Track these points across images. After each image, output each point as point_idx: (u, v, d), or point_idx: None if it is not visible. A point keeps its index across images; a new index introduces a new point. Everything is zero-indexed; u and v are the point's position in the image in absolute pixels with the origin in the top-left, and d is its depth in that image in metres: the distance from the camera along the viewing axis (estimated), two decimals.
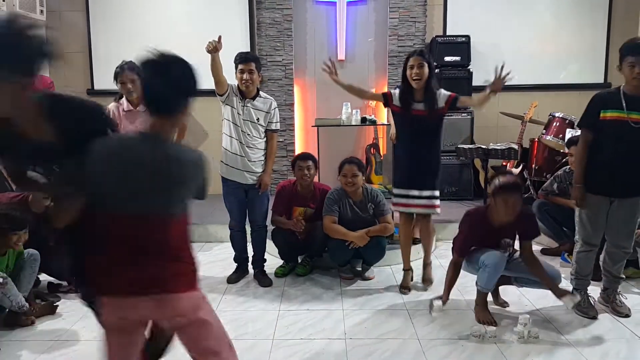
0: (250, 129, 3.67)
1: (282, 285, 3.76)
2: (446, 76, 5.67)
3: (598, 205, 3.08)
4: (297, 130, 6.18)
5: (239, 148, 3.65)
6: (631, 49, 2.87)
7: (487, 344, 2.82)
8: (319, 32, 6.16)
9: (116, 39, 6.03)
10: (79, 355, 2.77)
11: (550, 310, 3.24)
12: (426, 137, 3.46)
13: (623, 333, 2.96)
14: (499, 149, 4.52)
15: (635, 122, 2.90)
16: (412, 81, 3.35)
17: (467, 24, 5.98)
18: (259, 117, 3.69)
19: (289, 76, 6.04)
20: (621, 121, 2.92)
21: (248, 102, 3.66)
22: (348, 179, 3.72)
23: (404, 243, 3.69)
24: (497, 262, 2.98)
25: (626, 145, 2.94)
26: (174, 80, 1.69)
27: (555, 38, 6.06)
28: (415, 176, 3.49)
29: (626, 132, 2.91)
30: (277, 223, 3.95)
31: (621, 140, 2.94)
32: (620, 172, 2.97)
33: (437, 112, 3.41)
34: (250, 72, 3.58)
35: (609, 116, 2.95)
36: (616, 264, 3.18)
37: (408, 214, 3.59)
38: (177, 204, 1.73)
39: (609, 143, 2.98)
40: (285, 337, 2.94)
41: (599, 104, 3.01)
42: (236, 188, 3.75)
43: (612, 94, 2.99)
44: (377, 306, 3.37)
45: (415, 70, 3.34)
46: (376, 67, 6.19)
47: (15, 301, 2.99)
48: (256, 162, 3.70)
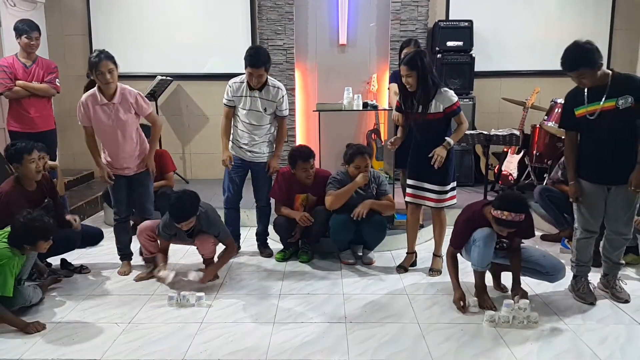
0: (255, 118, 3.75)
1: (282, 269, 3.77)
2: (448, 61, 5.64)
3: (595, 193, 3.09)
4: (298, 115, 6.15)
5: (244, 130, 3.79)
6: (563, 66, 2.94)
7: (487, 329, 2.83)
8: (321, 16, 6.09)
9: (117, 23, 5.99)
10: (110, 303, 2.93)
11: (550, 295, 3.25)
12: (432, 135, 3.45)
13: (622, 318, 2.98)
14: (500, 135, 4.50)
15: (591, 114, 2.98)
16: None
17: (470, 9, 5.93)
18: (266, 107, 3.75)
19: (289, 60, 5.99)
20: (586, 116, 3.01)
21: (255, 93, 3.70)
22: (361, 170, 3.71)
23: (410, 227, 3.71)
24: (486, 235, 2.98)
25: (597, 135, 3.01)
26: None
27: (558, 24, 6.00)
28: (424, 171, 3.50)
29: (591, 125, 3.00)
30: (283, 214, 3.92)
31: (597, 132, 3.01)
32: (609, 161, 3.00)
33: (436, 115, 3.40)
34: (260, 77, 3.63)
35: (581, 112, 3.03)
36: (616, 250, 3.19)
37: (417, 204, 3.61)
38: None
39: (590, 136, 3.06)
40: (285, 321, 2.96)
41: (572, 103, 3.10)
42: (241, 166, 3.87)
43: (579, 91, 3.04)
44: (378, 290, 3.38)
45: (405, 79, 3.38)
46: (378, 51, 6.14)
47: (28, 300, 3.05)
48: (260, 143, 3.83)
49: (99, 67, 3.25)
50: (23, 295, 3.01)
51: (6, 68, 4.17)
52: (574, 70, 2.91)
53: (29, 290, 3.06)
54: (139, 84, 5.80)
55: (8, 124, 4.32)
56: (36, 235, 2.91)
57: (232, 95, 3.77)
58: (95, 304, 3.21)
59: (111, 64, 3.29)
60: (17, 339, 2.76)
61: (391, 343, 2.71)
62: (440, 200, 3.52)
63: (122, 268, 3.68)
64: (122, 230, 3.69)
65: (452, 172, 3.54)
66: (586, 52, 2.87)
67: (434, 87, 3.37)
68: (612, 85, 2.93)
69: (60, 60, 5.54)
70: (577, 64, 2.88)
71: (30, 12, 5.53)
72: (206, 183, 3.86)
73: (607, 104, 2.93)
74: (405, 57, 3.43)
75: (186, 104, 6.14)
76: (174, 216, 3.25)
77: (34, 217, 2.91)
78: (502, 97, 5.69)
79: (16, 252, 2.89)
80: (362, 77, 6.04)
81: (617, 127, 2.96)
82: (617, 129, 2.96)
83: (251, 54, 3.61)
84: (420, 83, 3.34)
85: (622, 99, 2.90)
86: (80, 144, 3.61)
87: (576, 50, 2.89)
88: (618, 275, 3.26)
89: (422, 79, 3.33)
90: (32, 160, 3.31)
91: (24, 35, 4.17)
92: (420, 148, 3.50)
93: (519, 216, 2.85)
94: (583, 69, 2.87)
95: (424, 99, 3.37)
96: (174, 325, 2.92)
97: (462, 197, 3.57)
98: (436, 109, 3.39)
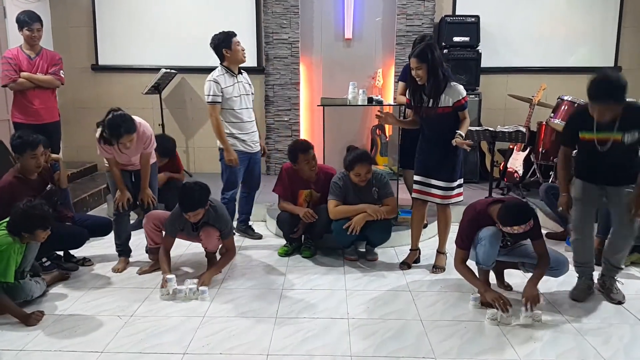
0: (248, 101, 3.98)
1: (285, 264, 3.76)
2: (454, 57, 5.60)
3: (589, 192, 3.12)
4: (302, 109, 6.13)
5: (243, 120, 3.95)
6: (588, 90, 2.85)
7: (490, 326, 2.82)
8: (326, 9, 6.06)
9: (121, 14, 5.97)
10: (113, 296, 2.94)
11: (554, 293, 3.24)
12: (440, 130, 3.42)
13: (626, 318, 2.96)
14: (506, 132, 4.47)
15: (601, 142, 2.97)
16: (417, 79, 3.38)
17: (476, 4, 5.88)
18: (248, 88, 4.01)
19: (294, 54, 5.96)
20: (593, 142, 3.00)
21: (239, 77, 3.93)
22: (361, 177, 3.66)
23: (415, 224, 3.69)
24: (492, 234, 2.95)
25: (601, 160, 3.02)
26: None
27: (565, 20, 5.96)
28: (431, 166, 3.49)
29: (597, 151, 3.00)
30: (286, 209, 3.92)
31: (601, 157, 3.02)
32: (604, 175, 3.06)
33: (445, 109, 3.37)
34: (130, 142, 3.44)
35: (588, 137, 3.02)
36: (616, 254, 3.16)
37: (423, 200, 3.59)
38: None
39: (589, 157, 3.09)
40: (288, 316, 2.95)
41: (578, 124, 3.07)
42: (244, 159, 3.98)
43: (586, 115, 2.97)
44: (380, 287, 3.37)
45: (414, 72, 3.34)
46: (383, 46, 6.10)
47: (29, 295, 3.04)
48: (254, 132, 4.06)
49: (121, 139, 3.26)
50: (25, 290, 3.00)
51: (11, 60, 4.16)
52: (603, 103, 2.83)
53: (30, 284, 3.05)
54: (143, 76, 5.84)
55: (13, 115, 4.31)
56: (35, 224, 2.90)
57: (222, 88, 3.81)
58: (98, 296, 3.21)
59: (132, 135, 3.29)
60: (20, 331, 2.76)
61: (394, 340, 2.69)
62: (446, 197, 3.49)
63: (117, 264, 3.64)
64: (121, 224, 3.67)
65: (459, 169, 3.51)
66: (621, 87, 2.80)
67: (444, 81, 3.34)
68: (622, 117, 2.89)
69: (65, 51, 5.52)
70: (609, 97, 2.81)
71: (35, 4, 5.52)
72: (210, 177, 3.86)
73: (615, 136, 2.93)
74: (416, 49, 3.38)
75: (190, 97, 6.12)
76: (183, 205, 3.24)
77: (34, 204, 2.91)
78: (508, 94, 5.65)
79: (16, 240, 2.89)
80: (368, 72, 6.01)
81: (621, 156, 2.98)
82: (620, 158, 2.99)
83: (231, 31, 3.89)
84: (431, 76, 3.30)
85: (629, 134, 2.91)
86: (84, 137, 3.62)
87: (610, 83, 2.82)
88: (616, 277, 3.22)
89: (433, 72, 3.29)
90: (34, 155, 3.31)
91: (25, 28, 4.16)
92: (429, 143, 3.48)
93: (528, 225, 2.83)
94: (613, 103, 2.82)
95: (435, 93, 3.34)
96: (176, 319, 2.91)
97: (467, 194, 3.54)
98: (446, 103, 3.35)
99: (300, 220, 3.87)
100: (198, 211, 3.25)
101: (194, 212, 3.24)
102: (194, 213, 3.24)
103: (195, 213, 3.25)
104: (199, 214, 3.28)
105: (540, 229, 3.07)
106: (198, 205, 3.24)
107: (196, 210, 3.24)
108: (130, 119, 3.30)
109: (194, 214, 3.25)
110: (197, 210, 3.24)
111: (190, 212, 3.23)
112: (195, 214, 3.25)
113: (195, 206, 3.23)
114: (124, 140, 3.26)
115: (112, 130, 3.24)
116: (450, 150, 3.39)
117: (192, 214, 3.25)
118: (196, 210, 3.24)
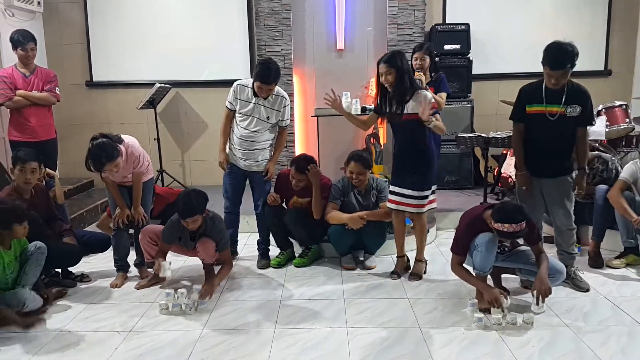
0: (258, 125, 3.74)
1: (283, 275, 3.77)
2: (446, 64, 5.65)
3: (532, 183, 3.38)
4: (296, 120, 6.17)
5: (241, 138, 3.76)
6: (547, 61, 3.12)
7: (488, 332, 2.83)
8: (318, 21, 6.12)
9: (115, 31, 6.01)
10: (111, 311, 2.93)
11: (552, 297, 3.24)
12: (409, 138, 3.47)
13: (623, 320, 2.98)
14: (499, 138, 4.52)
15: (551, 114, 3.21)
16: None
17: (466, 13, 5.95)
18: (269, 115, 3.75)
19: (287, 66, 6.01)
20: (542, 114, 3.24)
21: (260, 100, 3.70)
22: (354, 176, 3.78)
23: (397, 232, 3.73)
24: (488, 240, 2.98)
25: (547, 134, 3.26)
26: None
27: (555, 26, 6.01)
28: (404, 176, 3.52)
29: (546, 124, 3.23)
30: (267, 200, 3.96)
31: (543, 130, 3.26)
32: (545, 157, 3.29)
33: (412, 116, 3.38)
34: (269, 91, 3.64)
35: (533, 110, 3.27)
36: (566, 242, 3.39)
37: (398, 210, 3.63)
38: None
39: (534, 133, 3.31)
40: (286, 327, 2.96)
41: (525, 99, 3.32)
42: (237, 172, 3.88)
43: (535, 89, 3.27)
44: (379, 295, 3.38)
45: (383, 77, 3.39)
46: (375, 56, 6.13)
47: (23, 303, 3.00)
48: (256, 151, 3.80)
49: (104, 168, 3.27)
50: (17, 297, 2.97)
51: (6, 78, 4.18)
52: (563, 68, 3.07)
53: (25, 293, 3.01)
54: (137, 91, 5.86)
55: (9, 133, 4.33)
56: (8, 219, 2.93)
57: (234, 97, 3.73)
58: (96, 312, 3.21)
59: (116, 161, 3.28)
60: (19, 349, 2.75)
61: (393, 347, 2.70)
62: (419, 206, 3.51)
63: (115, 280, 3.64)
64: (120, 240, 3.67)
65: (430, 177, 3.53)
66: (576, 53, 3.10)
67: (411, 88, 3.39)
68: (568, 91, 3.18)
69: (59, 68, 5.54)
70: (568, 62, 3.08)
71: (29, 22, 5.55)
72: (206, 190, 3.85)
73: (562, 109, 3.17)
74: (385, 55, 3.45)
75: (185, 111, 6.15)
76: (181, 211, 3.24)
77: (1, 200, 2.98)
78: (500, 100, 5.69)
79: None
80: (360, 82, 6.05)
81: (563, 130, 3.23)
82: (562, 131, 3.24)
83: (262, 69, 3.54)
84: (398, 82, 3.36)
85: (571, 107, 3.19)
86: (80, 153, 3.61)
87: (567, 49, 3.08)
88: (574, 265, 3.41)
89: (399, 78, 3.35)
90: (22, 169, 3.34)
91: (19, 47, 4.19)
92: (401, 153, 3.54)
93: (519, 226, 2.85)
94: (569, 68, 3.10)
95: (400, 97, 3.39)
96: (175, 332, 2.92)
97: (461, 200, 3.57)
98: (413, 110, 3.38)
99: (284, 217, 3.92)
100: (196, 217, 3.25)
101: (192, 219, 3.24)
102: (191, 219, 3.24)
103: (193, 219, 3.25)
104: (197, 221, 3.28)
105: (539, 235, 3.10)
106: (196, 211, 3.24)
107: (194, 217, 3.24)
108: (109, 146, 3.26)
109: (192, 220, 3.25)
110: (194, 217, 3.24)
111: (189, 218, 3.23)
112: (193, 220, 3.25)
113: (193, 212, 3.23)
114: (108, 168, 3.28)
115: (94, 161, 3.24)
116: (421, 159, 3.45)
117: (190, 220, 3.24)
118: (194, 217, 3.24)
